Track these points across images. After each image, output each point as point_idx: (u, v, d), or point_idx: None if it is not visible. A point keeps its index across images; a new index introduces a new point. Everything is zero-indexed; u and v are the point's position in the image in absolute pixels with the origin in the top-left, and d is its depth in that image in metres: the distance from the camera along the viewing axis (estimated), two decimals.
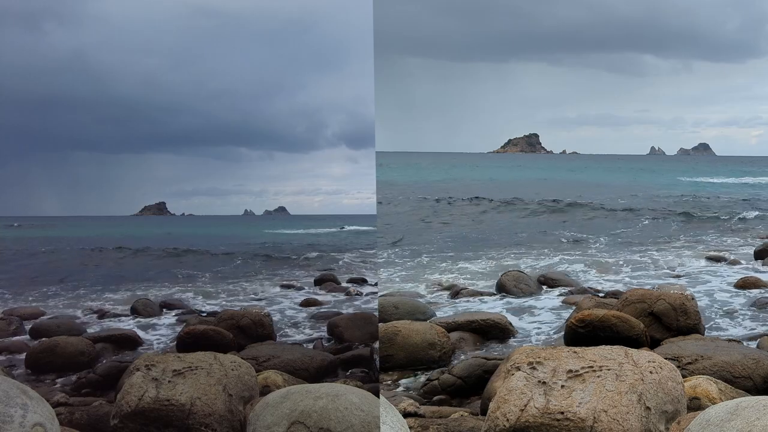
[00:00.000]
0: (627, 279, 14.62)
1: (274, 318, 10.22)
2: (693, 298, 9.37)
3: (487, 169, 75.25)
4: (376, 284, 14.74)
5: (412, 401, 6.51)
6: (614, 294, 12.05)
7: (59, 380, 7.64)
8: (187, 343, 8.26)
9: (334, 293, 13.39)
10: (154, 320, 10.76)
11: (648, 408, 4.56)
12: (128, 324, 10.40)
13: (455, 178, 57.56)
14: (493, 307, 11.72)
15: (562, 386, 4.66)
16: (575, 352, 4.96)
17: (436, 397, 7.29)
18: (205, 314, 11.08)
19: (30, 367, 7.98)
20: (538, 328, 10.50)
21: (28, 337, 9.46)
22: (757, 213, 28.55)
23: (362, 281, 14.61)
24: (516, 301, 12.33)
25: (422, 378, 7.95)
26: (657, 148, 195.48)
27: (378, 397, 4.52)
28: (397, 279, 14.73)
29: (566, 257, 17.68)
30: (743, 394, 5.80)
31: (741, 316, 11.02)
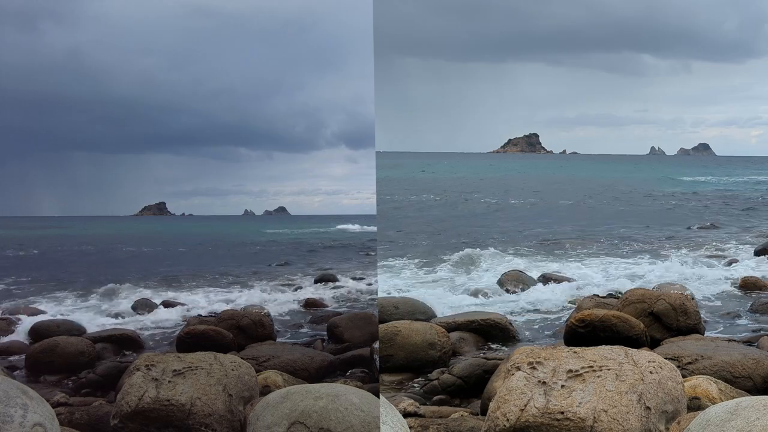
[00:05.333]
0: (627, 278, 14.61)
1: (274, 318, 10.22)
2: (693, 298, 9.38)
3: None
4: (375, 284, 14.73)
5: (412, 401, 6.51)
6: (614, 294, 12.05)
7: (59, 380, 7.63)
8: (187, 343, 8.26)
9: (334, 293, 13.39)
10: (154, 320, 10.77)
11: (648, 408, 4.56)
12: (128, 324, 10.39)
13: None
14: (493, 306, 11.72)
15: (562, 386, 4.65)
16: (575, 352, 4.95)
17: (436, 397, 7.29)
18: (205, 314, 11.08)
19: (30, 367, 7.98)
20: (539, 328, 10.50)
21: (28, 337, 9.46)
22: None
23: (362, 281, 14.60)
24: (517, 301, 12.33)
25: (422, 378, 7.94)
26: (657, 148, 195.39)
27: (378, 397, 4.51)
28: (397, 278, 14.72)
29: (566, 256, 17.68)
30: (743, 394, 5.80)
31: (741, 316, 11.02)
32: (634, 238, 21.27)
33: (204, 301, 12.41)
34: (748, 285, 13.04)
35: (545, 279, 13.83)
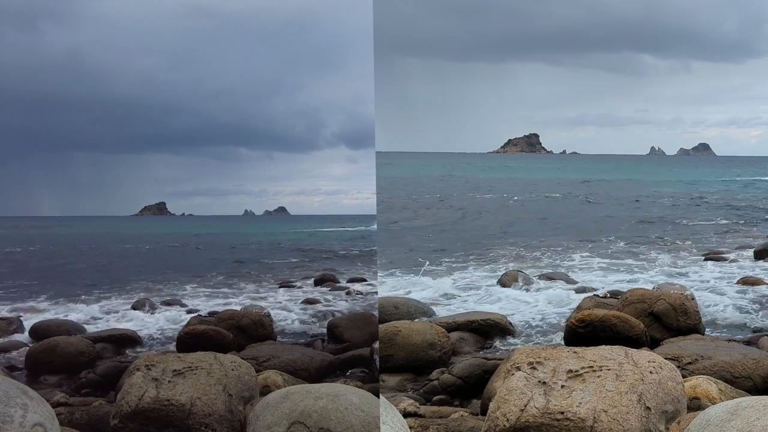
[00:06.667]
0: (627, 278, 14.60)
1: (273, 318, 10.22)
2: (693, 298, 9.37)
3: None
4: (375, 284, 14.73)
5: (412, 401, 6.50)
6: (614, 294, 12.05)
7: (59, 380, 7.63)
8: (187, 343, 8.26)
9: (334, 293, 13.39)
10: (154, 320, 10.77)
11: (648, 408, 4.56)
12: (128, 324, 10.40)
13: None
14: (494, 306, 11.72)
15: (562, 386, 4.65)
16: (575, 352, 4.95)
17: (436, 397, 7.28)
18: (205, 314, 11.08)
19: (30, 367, 7.98)
20: (539, 328, 10.50)
21: (28, 337, 9.47)
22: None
23: (362, 281, 14.61)
24: (516, 301, 12.33)
25: (422, 378, 7.94)
26: (657, 148, 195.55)
27: (378, 397, 4.51)
28: (397, 278, 14.72)
29: (568, 255, 17.67)
30: (743, 394, 5.79)
31: (741, 316, 11.02)
32: (635, 238, 21.27)
33: (204, 301, 12.42)
34: (748, 284, 13.03)
35: (545, 279, 13.83)
